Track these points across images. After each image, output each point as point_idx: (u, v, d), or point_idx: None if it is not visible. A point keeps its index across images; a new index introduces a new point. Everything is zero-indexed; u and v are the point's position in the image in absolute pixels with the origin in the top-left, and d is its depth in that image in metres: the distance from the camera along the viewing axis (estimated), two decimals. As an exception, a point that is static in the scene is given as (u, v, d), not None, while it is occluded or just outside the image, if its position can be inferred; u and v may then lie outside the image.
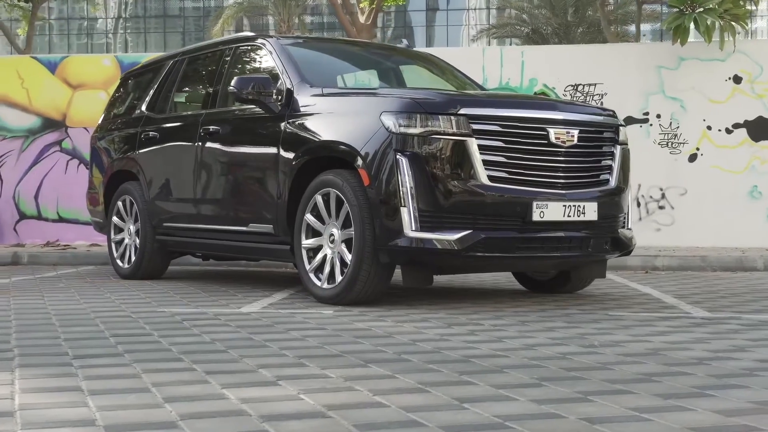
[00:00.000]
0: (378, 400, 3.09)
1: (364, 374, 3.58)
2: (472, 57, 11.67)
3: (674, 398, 3.14)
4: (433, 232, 5.67)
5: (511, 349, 4.25)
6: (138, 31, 57.23)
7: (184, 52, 8.30)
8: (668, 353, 4.13)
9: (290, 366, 3.76)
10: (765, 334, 4.76)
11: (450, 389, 3.28)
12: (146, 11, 56.52)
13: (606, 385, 3.36)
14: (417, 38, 56.31)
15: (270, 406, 2.99)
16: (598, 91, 11.46)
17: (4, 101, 11.91)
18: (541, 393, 3.22)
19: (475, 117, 5.76)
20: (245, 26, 53.30)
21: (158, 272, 8.16)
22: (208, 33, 36.56)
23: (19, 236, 11.87)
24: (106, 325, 5.01)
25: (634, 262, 9.76)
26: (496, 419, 2.83)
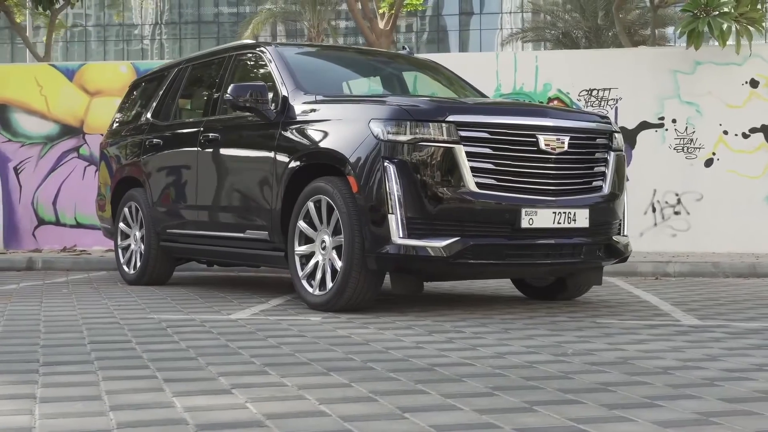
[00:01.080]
0: (322, 409, 3.10)
1: (321, 383, 3.59)
2: (486, 62, 11.67)
3: (620, 409, 3.12)
4: (421, 239, 5.67)
5: (481, 357, 4.24)
6: (174, 37, 57.66)
7: (188, 60, 8.37)
8: (638, 362, 4.10)
9: (251, 374, 3.77)
10: (744, 343, 4.72)
11: (399, 398, 3.28)
12: (181, 17, 56.95)
13: (557, 395, 3.35)
14: (450, 43, 56.29)
15: (211, 415, 3.00)
16: (613, 96, 11.40)
17: (23, 108, 12.05)
18: (489, 402, 3.22)
19: (463, 124, 5.75)
20: (280, 32, 53.60)
21: (163, 278, 8.22)
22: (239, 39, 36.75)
23: (38, 242, 12.00)
24: (90, 332, 5.05)
25: (646, 269, 9.69)
26: (430, 429, 2.83)
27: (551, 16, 33.37)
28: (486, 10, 56.90)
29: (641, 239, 11.32)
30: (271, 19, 37.62)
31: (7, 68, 13.13)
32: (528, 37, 36.29)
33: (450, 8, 57.84)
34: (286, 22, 45.25)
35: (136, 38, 59.64)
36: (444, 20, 58.49)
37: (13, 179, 12.06)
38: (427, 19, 59.23)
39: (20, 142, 12.07)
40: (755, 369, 3.94)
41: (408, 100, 6.05)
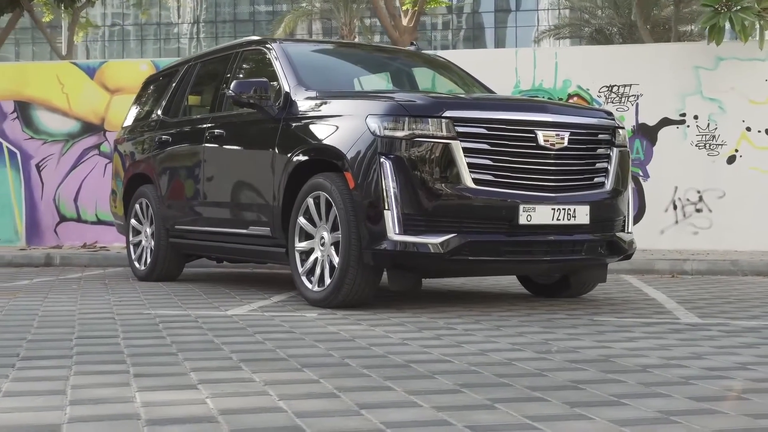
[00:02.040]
0: (280, 405, 3.08)
1: (290, 378, 3.57)
2: (505, 59, 11.59)
3: (582, 407, 3.07)
4: (418, 235, 5.63)
5: (462, 354, 4.20)
6: (211, 36, 57.99)
7: (198, 57, 8.39)
8: (619, 360, 4.04)
9: (225, 369, 3.76)
10: (737, 342, 4.64)
11: (362, 395, 3.25)
12: (217, 16, 57.26)
13: (524, 393, 3.30)
14: (487, 40, 56.13)
15: (166, 411, 2.99)
16: (634, 92, 11.28)
17: (45, 106, 12.15)
18: (450, 400, 3.18)
19: (460, 120, 5.70)
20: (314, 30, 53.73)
21: (173, 274, 8.25)
22: (271, 37, 36.85)
23: (59, 238, 12.09)
24: (81, 327, 5.07)
25: (663, 266, 9.58)
26: (381, 426, 2.80)
27: (585, 12, 33.10)
28: (522, 7, 56.71)
29: (662, 237, 11.21)
30: (304, 17, 37.69)
31: (28, 66, 13.26)
32: (561, 33, 36.06)
33: (486, 5, 57.73)
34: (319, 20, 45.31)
35: (173, 37, 60.07)
36: (481, 17, 58.37)
37: (35, 176, 12.17)
38: (464, 17, 59.14)
39: (42, 140, 12.17)
40: (737, 368, 3.87)
41: (405, 95, 6.01)
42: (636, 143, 11.25)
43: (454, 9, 57.68)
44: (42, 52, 52.95)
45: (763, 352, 4.32)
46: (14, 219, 12.20)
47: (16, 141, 12.21)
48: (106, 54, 60.21)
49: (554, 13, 52.77)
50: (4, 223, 12.20)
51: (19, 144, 12.20)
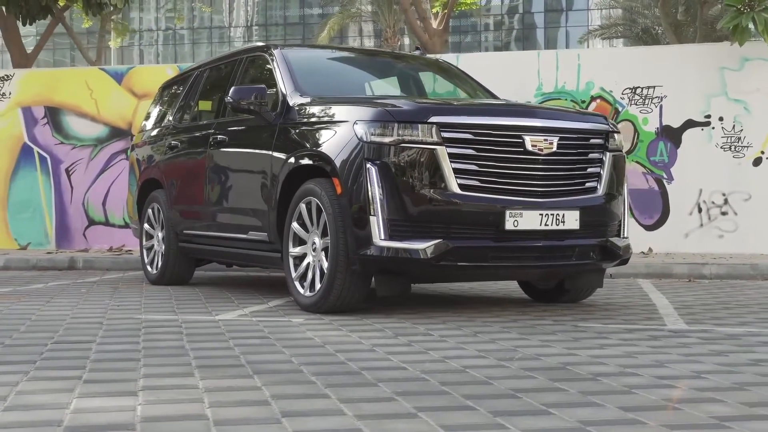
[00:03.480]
0: (206, 412, 3.12)
1: (231, 386, 3.60)
2: (527, 61, 11.56)
3: (504, 416, 3.07)
4: (403, 241, 5.65)
5: (422, 361, 4.20)
6: (262, 39, 58.39)
7: (207, 63, 8.49)
8: (575, 367, 4.02)
9: (175, 376, 3.81)
10: (708, 349, 4.59)
11: (291, 402, 3.28)
12: (268, 19, 57.67)
13: (455, 401, 3.30)
14: (537, 40, 55.84)
15: (90, 418, 3.04)
16: (657, 94, 11.17)
17: (75, 111, 12.36)
18: (376, 408, 3.19)
19: (446, 125, 5.71)
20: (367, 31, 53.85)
21: (183, 278, 8.34)
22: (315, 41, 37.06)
23: (88, 241, 12.29)
24: (64, 332, 5.16)
25: (681, 270, 9.49)
26: (291, 434, 2.83)
27: (632, 12, 32.79)
28: (575, 6, 56.35)
29: (686, 240, 11.09)
30: (349, 19, 37.82)
31: (58, 72, 13.48)
32: (607, 34, 35.76)
33: (538, 5, 57.48)
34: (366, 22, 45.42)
35: (226, 41, 60.60)
36: (532, 17, 58.12)
37: (64, 180, 12.37)
38: (515, 17, 58.94)
39: (72, 144, 12.37)
40: (691, 376, 3.83)
41: (393, 101, 6.02)
42: (660, 145, 11.15)
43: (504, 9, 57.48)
44: (80, 57, 53.69)
45: (727, 360, 4.27)
46: (45, 222, 12.41)
47: (46, 146, 12.43)
48: (160, 59, 60.92)
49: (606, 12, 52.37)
50: (35, 226, 12.43)
51: (50, 149, 12.42)
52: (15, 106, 12.50)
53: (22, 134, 12.47)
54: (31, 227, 12.44)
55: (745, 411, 3.17)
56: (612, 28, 35.51)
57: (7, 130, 12.49)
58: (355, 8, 36.29)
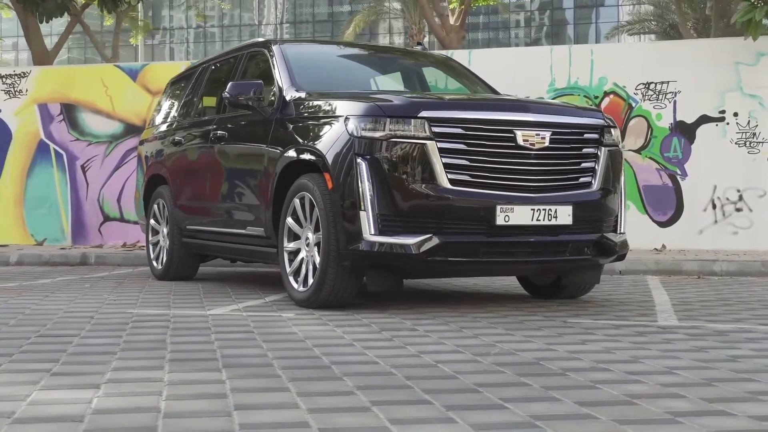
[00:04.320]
0: (159, 405, 3.12)
1: (196, 379, 3.61)
2: (540, 56, 11.50)
3: (457, 410, 3.05)
4: (393, 236, 5.63)
5: (395, 356, 4.19)
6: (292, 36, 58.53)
7: (211, 59, 8.52)
8: (548, 363, 3.99)
9: (144, 369, 3.81)
10: (690, 345, 4.55)
11: (247, 396, 3.28)
12: (296, 17, 57.78)
13: (415, 395, 3.29)
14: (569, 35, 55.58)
15: (42, 410, 3.05)
16: (671, 89, 11.08)
17: (90, 108, 12.44)
18: (331, 402, 3.18)
19: (436, 120, 5.68)
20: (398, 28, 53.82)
21: (188, 273, 8.38)
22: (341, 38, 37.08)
23: (103, 237, 12.37)
24: (51, 326, 5.19)
25: (691, 267, 9.40)
26: (235, 427, 2.82)
27: (660, 8, 32.53)
28: (605, 2, 56.04)
29: (700, 237, 10.99)
30: (375, 16, 37.81)
31: (73, 70, 13.59)
32: (634, 29, 35.52)
33: (568, 1, 57.23)
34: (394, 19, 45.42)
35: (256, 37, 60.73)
36: (563, 13, 57.87)
37: (80, 177, 12.47)
38: (546, 14, 58.70)
39: (87, 141, 12.46)
40: (662, 372, 3.79)
41: (384, 96, 6.01)
42: (674, 141, 11.06)
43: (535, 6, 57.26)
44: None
45: (706, 356, 4.22)
46: (60, 218, 12.51)
47: (62, 142, 12.52)
48: (191, 56, 61.18)
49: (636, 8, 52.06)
50: (52, 222, 12.53)
51: (66, 145, 12.51)
52: (31, 103, 12.60)
53: (38, 131, 12.58)
54: (48, 223, 12.54)
55: (703, 407, 3.13)
56: (640, 23, 35.27)
57: (24, 127, 12.60)
58: (381, 5, 36.26)
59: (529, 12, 58.46)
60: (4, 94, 12.63)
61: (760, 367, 3.92)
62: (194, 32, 62.47)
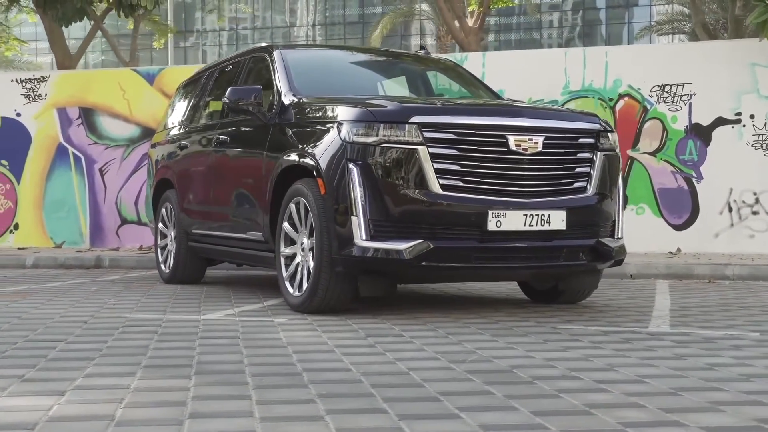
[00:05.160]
0: (116, 413, 3.14)
1: (164, 386, 3.63)
2: (554, 59, 11.45)
3: (410, 419, 3.05)
4: (384, 241, 5.64)
5: (372, 363, 4.19)
6: (322, 38, 58.65)
7: (217, 63, 8.56)
8: (521, 370, 3.98)
9: (116, 375, 3.84)
10: (671, 353, 4.51)
11: (209, 403, 3.29)
12: (327, 19, 57.89)
13: (373, 404, 3.29)
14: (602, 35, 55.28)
15: (1, 417, 3.09)
16: (687, 92, 10.99)
17: (108, 112, 12.55)
18: (289, 410, 3.19)
19: (428, 125, 5.68)
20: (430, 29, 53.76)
21: (194, 277, 8.43)
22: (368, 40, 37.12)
23: (121, 240, 12.47)
24: (42, 330, 5.24)
25: (703, 271, 9.32)
26: (182, 436, 2.84)
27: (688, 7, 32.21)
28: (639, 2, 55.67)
29: (716, 240, 10.89)
30: (401, 18, 37.80)
31: (91, 74, 13.72)
32: (664, 30, 35.24)
33: (600, 1, 56.91)
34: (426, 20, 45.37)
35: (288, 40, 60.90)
36: (595, 14, 57.56)
37: (98, 180, 12.58)
38: (579, 13, 58.41)
39: (105, 145, 12.57)
40: (632, 381, 3.77)
41: (377, 101, 6.01)
42: (689, 144, 10.97)
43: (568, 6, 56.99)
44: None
45: (683, 363, 4.19)
46: (79, 221, 12.63)
47: (80, 146, 12.64)
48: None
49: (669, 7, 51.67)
50: (70, 225, 12.65)
51: (84, 149, 12.63)
52: (50, 107, 12.73)
53: (57, 135, 12.70)
54: (66, 226, 12.66)
55: (659, 417, 3.11)
56: (670, 23, 34.99)
57: (43, 131, 12.74)
58: (412, 7, 36.24)
59: (559, 12, 58.17)
60: (24, 98, 12.77)
61: (733, 376, 3.88)
62: (227, 35, 62.72)
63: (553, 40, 58.28)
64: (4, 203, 12.83)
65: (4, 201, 12.83)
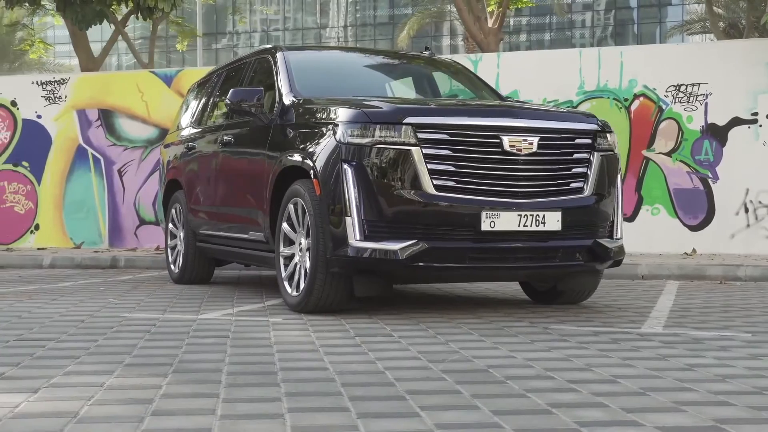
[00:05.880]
0: (79, 410, 3.18)
1: (136, 384, 3.67)
2: (568, 59, 11.41)
3: (369, 418, 3.07)
4: (378, 241, 5.66)
5: (353, 362, 4.21)
6: (352, 39, 58.73)
7: (225, 65, 8.62)
8: (497, 370, 3.99)
9: (93, 374, 3.88)
10: (653, 353, 4.50)
11: (174, 401, 3.33)
12: (357, 20, 57.97)
13: (337, 402, 3.32)
14: (629, 35, 54.97)
15: (-33, 412, 3.15)
16: (702, 91, 10.91)
17: (126, 114, 12.67)
18: (251, 408, 3.23)
19: (421, 126, 5.70)
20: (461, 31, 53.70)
21: (203, 277, 8.49)
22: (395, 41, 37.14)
23: (139, 240, 12.57)
24: (40, 329, 5.31)
25: (715, 272, 9.26)
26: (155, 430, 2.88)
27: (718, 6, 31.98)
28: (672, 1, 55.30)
29: (732, 241, 10.81)
30: (429, 19, 37.78)
31: (110, 76, 13.84)
32: (693, 29, 35.00)
33: (633, 0, 56.60)
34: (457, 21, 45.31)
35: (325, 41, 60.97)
36: (627, 13, 57.25)
37: (117, 181, 12.69)
38: (612, 13, 58.11)
39: (123, 146, 12.68)
40: (605, 381, 3.77)
41: (372, 102, 6.03)
42: (705, 144, 10.90)
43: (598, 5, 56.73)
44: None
45: (663, 364, 4.18)
46: (98, 222, 12.75)
47: (100, 147, 12.77)
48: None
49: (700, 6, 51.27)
50: (89, 226, 12.77)
51: (103, 150, 12.75)
52: (70, 109, 12.87)
53: (77, 136, 12.84)
54: (86, 227, 12.79)
55: (617, 417, 3.11)
56: (699, 23, 34.74)
57: (63, 133, 12.88)
58: (443, 7, 36.19)
59: (593, 12, 57.90)
60: (45, 100, 12.91)
61: (709, 377, 3.87)
62: (259, 36, 62.97)
63: (585, 39, 57.99)
64: (25, 204, 12.98)
65: (25, 202, 12.98)
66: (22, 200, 12.98)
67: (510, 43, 57.01)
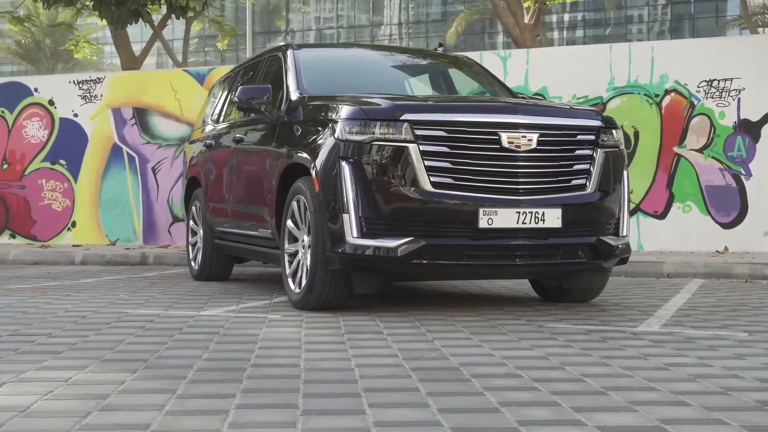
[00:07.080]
0: (44, 405, 3.22)
1: (102, 379, 3.71)
2: (599, 54, 11.30)
3: (313, 415, 3.08)
4: (375, 239, 5.66)
5: (327, 359, 4.22)
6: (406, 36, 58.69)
7: (243, 63, 8.68)
8: (468, 368, 3.96)
9: (68, 369, 3.93)
10: (636, 352, 4.44)
11: (131, 396, 3.36)
12: (410, 17, 57.93)
13: (289, 399, 3.33)
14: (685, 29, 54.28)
15: None
16: (735, 87, 10.74)
17: (160, 112, 12.80)
18: (202, 404, 3.24)
19: (419, 123, 5.68)
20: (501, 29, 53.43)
21: (222, 275, 8.55)
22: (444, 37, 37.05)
23: (173, 238, 12.70)
24: (39, 325, 5.39)
25: (742, 271, 9.10)
26: (111, 425, 2.91)
27: None
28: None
29: (765, 239, 10.64)
30: (476, 15, 37.64)
31: (145, 75, 13.98)
32: (745, 24, 34.38)
33: (689, -6, 55.91)
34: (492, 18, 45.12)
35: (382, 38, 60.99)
36: (685, 7, 56.52)
37: (151, 179, 12.83)
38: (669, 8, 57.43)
39: (157, 144, 12.82)
40: (571, 380, 3.73)
41: (371, 99, 6.02)
42: (738, 140, 10.73)
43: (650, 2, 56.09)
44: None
45: (641, 363, 4.12)
46: (133, 219, 12.90)
47: (134, 146, 12.91)
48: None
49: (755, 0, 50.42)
50: (124, 223, 12.93)
51: (137, 148, 12.90)
52: (106, 107, 13.04)
53: (112, 134, 13.00)
54: (121, 224, 12.95)
55: (564, 416, 3.07)
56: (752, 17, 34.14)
57: (99, 131, 13.05)
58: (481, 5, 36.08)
59: (649, 7, 57.26)
60: (81, 99, 13.09)
61: (681, 377, 3.81)
62: (313, 34, 63.20)
63: (643, 35, 57.37)
64: (62, 201, 13.18)
65: (62, 199, 13.18)
66: (59, 198, 13.19)
67: (566, 39, 56.61)
